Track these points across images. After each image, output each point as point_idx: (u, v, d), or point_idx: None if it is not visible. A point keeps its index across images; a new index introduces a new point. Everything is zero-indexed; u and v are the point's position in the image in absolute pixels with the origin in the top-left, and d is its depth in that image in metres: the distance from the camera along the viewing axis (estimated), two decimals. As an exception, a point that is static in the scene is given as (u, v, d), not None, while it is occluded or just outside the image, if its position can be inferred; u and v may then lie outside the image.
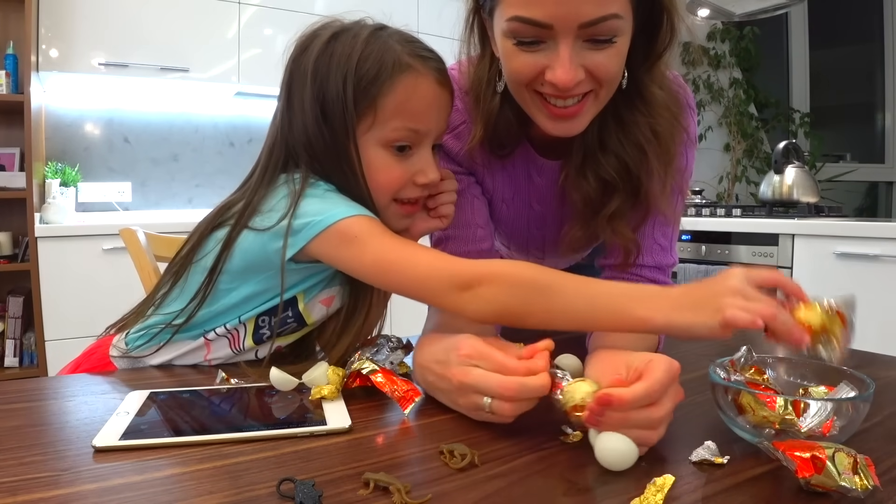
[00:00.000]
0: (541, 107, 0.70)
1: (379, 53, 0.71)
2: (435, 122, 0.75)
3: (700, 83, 4.14)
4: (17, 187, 2.44)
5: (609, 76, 0.67)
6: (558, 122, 0.70)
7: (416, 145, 0.74)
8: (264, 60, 2.87)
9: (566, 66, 0.64)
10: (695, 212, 2.80)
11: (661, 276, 0.84)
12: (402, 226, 0.79)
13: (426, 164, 0.74)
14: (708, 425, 0.58)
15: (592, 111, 0.71)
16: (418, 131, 0.73)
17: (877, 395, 0.52)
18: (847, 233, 2.08)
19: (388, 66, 0.71)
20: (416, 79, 0.72)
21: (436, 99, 0.74)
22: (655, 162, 0.74)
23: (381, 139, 0.72)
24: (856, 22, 4.24)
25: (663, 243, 0.84)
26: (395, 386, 0.61)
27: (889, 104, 4.09)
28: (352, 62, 0.70)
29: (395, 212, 0.77)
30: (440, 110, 0.75)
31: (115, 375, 0.78)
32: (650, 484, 0.44)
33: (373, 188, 0.74)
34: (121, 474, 0.47)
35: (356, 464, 0.49)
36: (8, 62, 2.44)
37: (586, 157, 0.77)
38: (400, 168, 0.73)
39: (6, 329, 2.43)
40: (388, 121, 0.71)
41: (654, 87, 0.73)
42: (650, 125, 0.73)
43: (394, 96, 0.71)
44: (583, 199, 0.79)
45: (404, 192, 0.75)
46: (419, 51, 0.74)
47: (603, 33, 0.63)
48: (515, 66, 0.68)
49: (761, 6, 2.79)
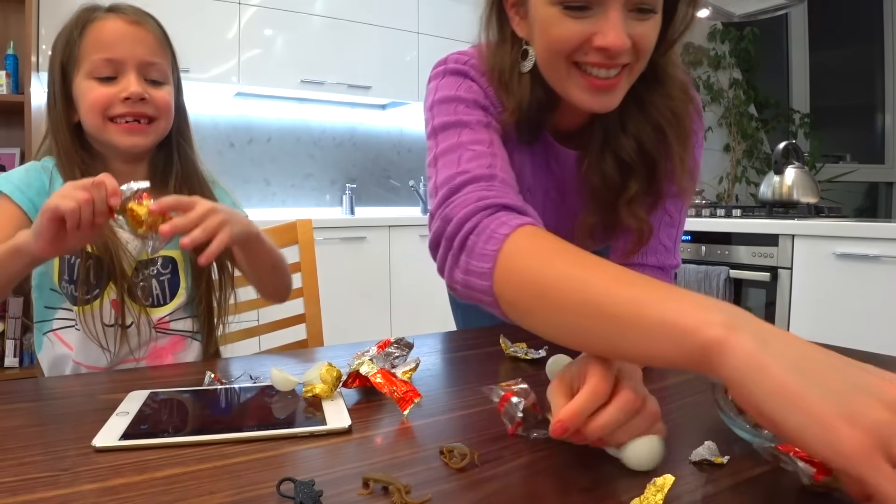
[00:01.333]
0: (579, 79, 0.69)
1: (78, 15, 0.90)
2: (129, 50, 0.88)
3: (700, 83, 4.14)
4: (17, 187, 2.44)
5: (648, 48, 0.69)
6: (596, 94, 0.69)
7: (118, 73, 0.88)
8: (264, 60, 2.87)
9: (619, 30, 0.64)
10: (695, 212, 2.80)
11: (663, 276, 0.85)
12: (125, 143, 0.89)
13: (127, 83, 0.88)
14: (708, 425, 0.58)
15: (626, 86, 0.71)
16: (112, 59, 0.87)
17: (877, 396, 0.52)
18: (847, 233, 2.08)
19: (81, 20, 0.89)
20: (101, 22, 0.89)
21: (125, 33, 0.89)
22: (675, 142, 0.75)
23: (84, 74, 0.88)
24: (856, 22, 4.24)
25: (668, 244, 0.84)
26: (395, 387, 0.61)
27: (889, 105, 4.10)
28: (61, 34, 0.90)
29: (115, 131, 0.89)
30: (133, 43, 0.89)
31: (115, 375, 0.78)
32: (650, 484, 0.44)
33: (86, 112, 0.88)
34: (121, 474, 0.47)
35: (356, 464, 0.49)
36: (8, 62, 2.44)
37: (606, 140, 0.77)
38: (103, 89, 0.88)
39: (6, 329, 2.43)
40: (85, 60, 0.88)
41: (670, 68, 0.75)
42: (669, 106, 0.75)
43: (86, 39, 0.88)
44: (603, 182, 0.78)
45: (113, 110, 0.88)
46: (112, 5, 0.92)
47: (648, 2, 0.65)
48: (561, 33, 0.67)
49: (761, 6, 2.79)
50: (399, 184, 3.73)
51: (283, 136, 3.35)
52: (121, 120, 0.89)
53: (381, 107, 3.61)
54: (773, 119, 4.23)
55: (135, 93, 0.87)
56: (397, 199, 3.75)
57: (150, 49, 0.90)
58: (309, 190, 3.46)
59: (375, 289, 2.98)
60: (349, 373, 0.66)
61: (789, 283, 2.25)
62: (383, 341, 0.75)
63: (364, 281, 2.93)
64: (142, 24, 0.90)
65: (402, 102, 3.44)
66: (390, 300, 3.02)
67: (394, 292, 3.02)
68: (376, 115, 3.64)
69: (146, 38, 0.90)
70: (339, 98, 3.32)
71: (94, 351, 0.89)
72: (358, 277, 2.90)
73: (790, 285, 2.25)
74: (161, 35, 0.93)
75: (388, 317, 3.02)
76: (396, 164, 3.74)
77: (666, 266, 0.84)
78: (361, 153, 3.62)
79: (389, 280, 3.01)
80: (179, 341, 0.96)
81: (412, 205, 3.74)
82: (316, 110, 3.43)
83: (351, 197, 3.47)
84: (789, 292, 2.26)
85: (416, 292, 3.00)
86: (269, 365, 0.77)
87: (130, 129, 0.88)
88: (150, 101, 0.89)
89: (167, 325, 0.95)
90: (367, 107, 3.58)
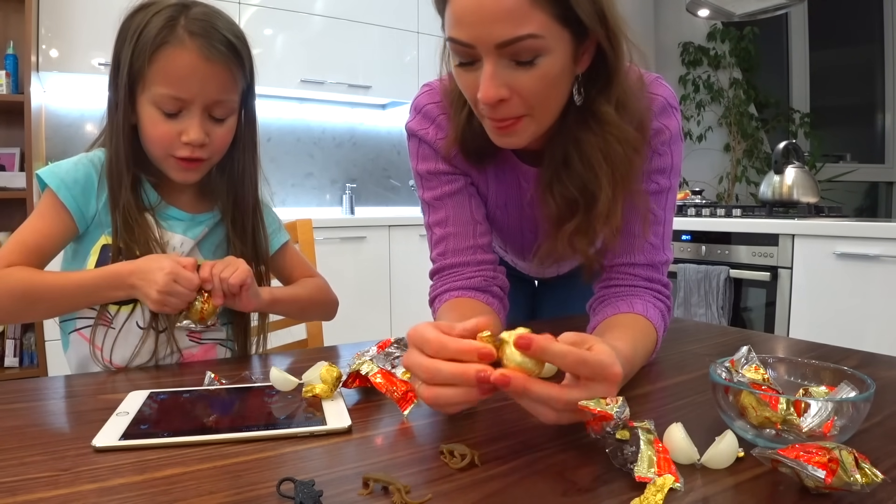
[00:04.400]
0: (487, 120, 0.74)
1: (154, 26, 0.81)
2: (198, 90, 0.83)
3: (700, 83, 4.14)
4: (18, 187, 2.44)
5: (536, 97, 0.69)
6: (500, 135, 0.74)
7: (182, 109, 0.84)
8: (264, 60, 2.87)
9: (486, 83, 0.67)
10: (695, 212, 2.80)
11: (655, 273, 0.85)
12: (181, 178, 0.88)
13: (189, 126, 0.84)
14: (708, 425, 0.58)
15: (531, 129, 0.73)
16: (179, 98, 0.82)
17: (877, 395, 0.52)
18: (847, 233, 2.08)
19: (154, 38, 0.81)
20: (176, 52, 0.81)
21: (197, 70, 0.82)
22: (604, 180, 0.75)
23: (149, 100, 0.83)
24: (856, 22, 4.24)
25: (655, 241, 0.84)
26: (394, 387, 0.61)
27: (889, 104, 4.10)
28: (137, 31, 0.82)
29: (173, 165, 0.87)
30: (204, 81, 0.83)
31: (115, 375, 0.78)
32: (650, 484, 0.44)
33: (147, 141, 0.86)
34: (121, 474, 0.47)
35: (356, 464, 0.49)
36: (8, 62, 2.44)
37: (553, 174, 0.79)
38: (166, 126, 0.84)
39: (6, 329, 2.43)
40: (153, 86, 0.82)
41: (606, 106, 0.74)
42: (599, 145, 0.75)
43: (156, 64, 0.82)
44: (549, 216, 0.81)
45: (173, 149, 0.85)
46: (192, 27, 0.82)
47: (522, 53, 0.65)
48: (461, 86, 0.73)
49: (761, 6, 2.79)
50: (399, 184, 3.73)
51: (284, 136, 3.35)
52: None
53: (381, 107, 3.62)
54: (773, 119, 4.23)
55: (195, 140, 0.84)
56: (397, 199, 3.75)
57: (219, 86, 0.85)
58: (309, 189, 3.46)
59: (375, 289, 2.98)
60: (349, 373, 0.66)
61: (789, 282, 2.25)
62: (383, 341, 0.75)
63: (364, 281, 2.93)
64: (216, 62, 0.83)
65: (402, 102, 3.44)
66: (390, 300, 3.02)
67: (394, 292, 3.02)
68: (376, 115, 3.64)
69: (218, 75, 0.84)
70: (339, 98, 3.32)
71: (126, 351, 0.88)
72: (358, 277, 2.90)
73: (790, 285, 2.25)
74: (236, 67, 0.87)
75: (388, 317, 3.02)
76: (396, 164, 3.74)
77: (655, 262, 0.85)
78: (361, 153, 3.62)
79: (389, 280, 3.01)
80: (212, 348, 0.95)
81: (412, 204, 3.74)
82: (316, 110, 3.43)
83: (351, 197, 3.47)
84: (789, 292, 2.26)
85: (416, 292, 2.99)
86: (269, 365, 0.77)
87: (187, 167, 0.87)
88: (208, 144, 0.86)
89: (199, 335, 0.94)
90: (367, 107, 3.58)
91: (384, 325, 2.99)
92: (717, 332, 1.07)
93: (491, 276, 0.89)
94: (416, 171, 0.92)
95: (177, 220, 0.92)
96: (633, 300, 0.81)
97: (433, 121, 0.88)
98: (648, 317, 0.78)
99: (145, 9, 0.84)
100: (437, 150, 0.88)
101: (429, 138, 0.88)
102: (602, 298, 0.85)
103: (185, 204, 0.94)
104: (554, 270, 1.14)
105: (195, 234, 0.93)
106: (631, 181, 0.77)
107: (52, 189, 0.85)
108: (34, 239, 0.84)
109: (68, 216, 0.85)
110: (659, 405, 0.65)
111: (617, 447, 0.49)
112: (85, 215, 0.87)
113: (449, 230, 0.89)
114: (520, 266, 1.15)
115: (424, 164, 0.90)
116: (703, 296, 2.48)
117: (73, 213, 0.85)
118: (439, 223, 0.90)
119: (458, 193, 0.89)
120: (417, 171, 0.91)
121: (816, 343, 0.94)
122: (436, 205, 0.90)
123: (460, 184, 0.89)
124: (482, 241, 0.90)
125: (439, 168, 0.89)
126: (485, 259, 0.90)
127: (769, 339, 1.08)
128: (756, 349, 0.63)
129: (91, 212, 0.87)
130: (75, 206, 0.85)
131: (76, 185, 0.86)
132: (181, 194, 0.94)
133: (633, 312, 0.79)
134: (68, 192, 0.85)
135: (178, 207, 0.93)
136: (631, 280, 0.84)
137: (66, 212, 0.85)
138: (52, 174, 0.86)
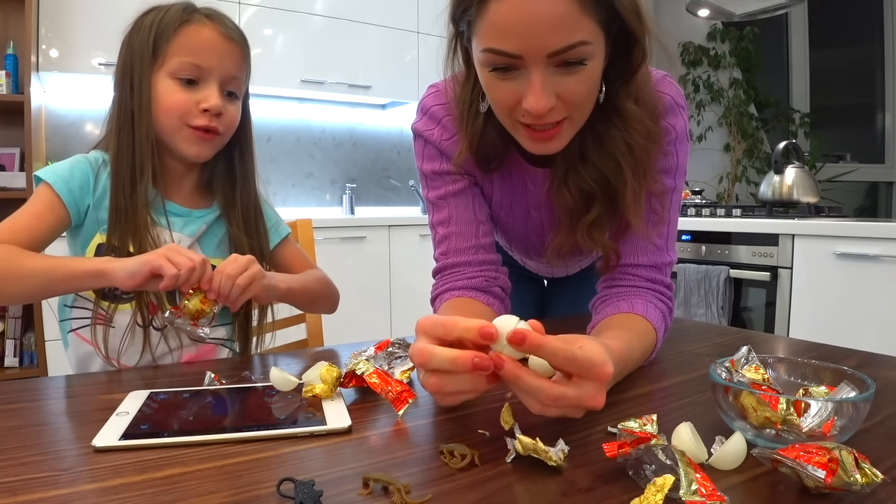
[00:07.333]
0: (521, 130, 0.74)
1: (174, 13, 0.90)
2: (217, 62, 0.89)
3: (700, 83, 4.14)
4: (17, 187, 2.44)
5: (581, 101, 0.70)
6: (539, 143, 0.74)
7: (201, 80, 0.89)
8: (264, 60, 2.87)
9: (538, 94, 0.66)
10: (695, 212, 2.80)
11: (658, 274, 0.85)
12: (193, 152, 0.90)
13: (209, 94, 0.88)
14: (708, 425, 0.58)
15: (570, 132, 0.74)
16: (200, 66, 0.88)
17: (877, 395, 0.52)
18: (847, 233, 2.08)
19: (176, 20, 0.89)
20: (198, 27, 0.89)
21: (217, 44, 0.89)
22: (629, 173, 0.76)
23: (167, 73, 0.88)
24: (856, 22, 4.24)
25: (658, 242, 0.85)
26: (389, 387, 0.61)
27: (889, 104, 4.10)
28: (156, 20, 0.89)
29: (187, 136, 0.89)
30: (223, 55, 0.90)
31: (115, 375, 0.78)
32: (650, 484, 0.44)
33: (162, 112, 0.88)
34: (121, 474, 0.47)
35: (356, 464, 0.49)
36: (8, 62, 2.44)
37: (568, 168, 0.80)
38: (184, 94, 0.88)
39: (6, 329, 2.43)
40: (173, 58, 0.87)
41: (629, 101, 0.75)
42: (624, 138, 0.76)
43: (178, 39, 0.88)
44: (565, 208, 0.82)
45: (190, 117, 0.88)
46: (209, 12, 0.92)
47: (573, 58, 0.65)
48: (495, 95, 0.72)
49: (761, 6, 2.79)
50: (399, 183, 3.73)
51: (283, 136, 3.35)
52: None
53: (381, 106, 3.62)
54: (773, 119, 4.23)
55: (215, 106, 0.88)
56: (397, 199, 3.75)
57: (236, 64, 0.91)
58: (309, 189, 3.46)
59: (375, 289, 2.98)
60: (345, 372, 0.66)
61: (789, 282, 2.25)
62: (383, 342, 0.75)
63: (364, 281, 2.93)
64: (233, 41, 0.91)
65: (402, 102, 3.44)
66: (390, 300, 3.02)
67: (394, 292, 3.02)
68: (376, 115, 3.64)
69: (235, 53, 0.91)
70: (339, 98, 3.32)
71: (126, 350, 0.89)
72: (358, 277, 2.90)
73: (790, 285, 2.25)
74: (246, 52, 0.94)
75: (388, 317, 3.02)
76: (396, 163, 3.74)
77: (659, 264, 0.85)
78: (361, 153, 3.62)
79: (389, 280, 3.01)
80: (212, 349, 0.96)
81: (412, 204, 3.74)
82: (316, 110, 3.43)
83: (351, 196, 3.47)
84: (789, 292, 2.26)
85: (416, 292, 2.99)
86: (269, 365, 0.77)
87: (201, 138, 0.89)
88: (223, 116, 0.90)
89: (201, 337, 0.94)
90: (367, 106, 3.58)
91: (384, 324, 2.99)
92: (717, 332, 1.07)
93: (493, 277, 0.90)
94: (421, 170, 0.93)
95: (175, 216, 0.93)
96: (634, 300, 0.81)
97: (439, 122, 0.88)
98: (648, 317, 0.79)
99: (157, 8, 0.90)
100: (442, 150, 0.89)
101: (434, 139, 0.89)
102: (604, 298, 0.85)
103: (182, 199, 0.95)
104: (563, 270, 1.15)
105: (192, 231, 0.93)
106: (650, 174, 0.79)
107: (46, 182, 0.86)
108: (24, 220, 0.84)
109: (61, 205, 0.86)
110: (659, 405, 0.65)
111: (638, 466, 0.47)
112: (79, 207, 0.88)
113: (452, 230, 0.90)
114: (529, 265, 1.16)
115: (429, 164, 0.91)
116: (703, 296, 2.48)
117: (67, 202, 0.86)
118: (442, 222, 0.91)
119: (461, 193, 0.90)
120: (422, 171, 0.92)
121: (816, 343, 0.94)
122: (439, 204, 0.91)
123: (464, 184, 0.90)
124: (485, 241, 0.90)
125: (444, 168, 0.89)
126: (487, 259, 0.90)
127: (769, 339, 1.08)
128: (756, 349, 0.63)
129: (85, 205, 0.88)
130: (69, 196, 0.86)
131: (72, 178, 0.87)
132: (179, 189, 0.94)
133: (632, 313, 0.79)
134: (64, 185, 0.86)
135: (175, 202, 0.93)
136: (634, 281, 0.84)
137: (58, 200, 0.86)
138: (48, 170, 0.87)
